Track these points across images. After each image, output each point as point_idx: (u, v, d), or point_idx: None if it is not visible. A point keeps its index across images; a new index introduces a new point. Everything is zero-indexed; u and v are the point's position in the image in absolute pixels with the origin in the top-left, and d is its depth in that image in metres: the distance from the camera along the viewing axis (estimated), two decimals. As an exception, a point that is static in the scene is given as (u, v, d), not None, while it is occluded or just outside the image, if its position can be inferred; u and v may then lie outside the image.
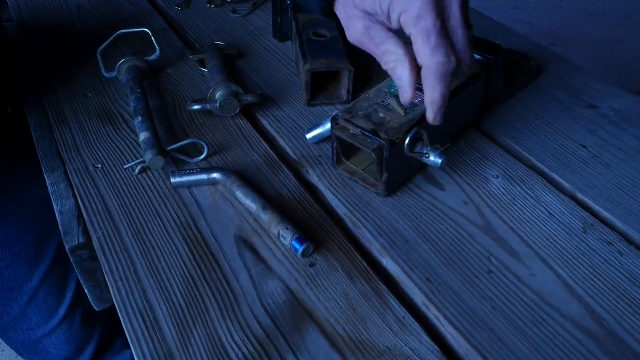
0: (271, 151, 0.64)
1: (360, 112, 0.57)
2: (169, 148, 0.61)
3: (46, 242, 0.80)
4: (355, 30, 0.51)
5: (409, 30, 0.47)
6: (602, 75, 0.77)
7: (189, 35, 0.88)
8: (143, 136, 0.62)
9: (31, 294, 0.80)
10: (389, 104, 0.58)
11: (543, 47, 0.83)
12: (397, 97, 0.59)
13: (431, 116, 0.51)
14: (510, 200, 0.58)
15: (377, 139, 0.54)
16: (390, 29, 0.50)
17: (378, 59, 0.51)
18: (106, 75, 0.75)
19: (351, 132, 0.56)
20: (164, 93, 0.74)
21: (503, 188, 0.60)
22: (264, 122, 0.69)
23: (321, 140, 0.65)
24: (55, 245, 0.80)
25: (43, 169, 0.63)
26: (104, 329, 0.91)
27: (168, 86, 0.75)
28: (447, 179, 0.61)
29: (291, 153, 0.65)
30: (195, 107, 0.67)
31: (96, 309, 0.61)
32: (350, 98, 0.70)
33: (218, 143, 0.66)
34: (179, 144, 0.61)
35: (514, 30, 0.86)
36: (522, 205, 0.58)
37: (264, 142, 0.66)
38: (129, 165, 0.61)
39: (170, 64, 0.80)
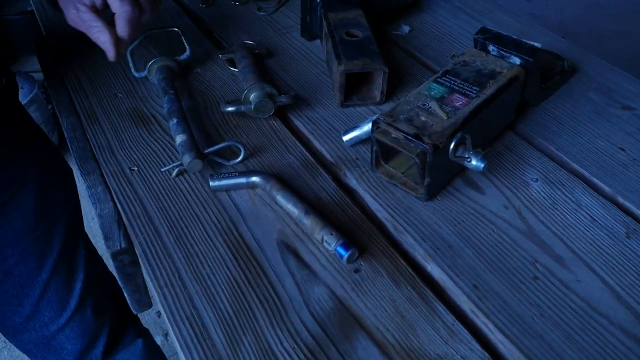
0: (307, 153, 0.64)
1: (401, 116, 0.56)
2: (206, 151, 0.61)
3: (51, 233, 0.79)
4: (71, 17, 0.64)
5: None
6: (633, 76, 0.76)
7: (216, 33, 0.87)
8: (179, 139, 0.62)
9: (42, 288, 0.80)
10: (430, 107, 0.57)
11: (574, 45, 0.82)
12: (437, 99, 0.58)
13: (109, 55, 0.64)
14: (551, 205, 0.58)
15: (421, 143, 0.53)
16: (95, 10, 0.63)
17: (89, 34, 0.64)
18: (136, 75, 0.74)
19: (393, 135, 0.56)
20: (194, 93, 0.73)
21: (543, 192, 0.59)
22: (298, 123, 0.69)
23: (358, 142, 0.64)
24: (60, 236, 0.80)
25: (79, 171, 0.63)
26: (114, 320, 0.91)
27: (198, 86, 0.75)
28: (486, 182, 0.60)
29: (327, 155, 0.64)
30: (229, 109, 0.67)
31: (134, 312, 0.61)
32: (384, 99, 0.70)
33: (253, 145, 0.65)
34: (216, 147, 0.61)
35: (544, 29, 0.85)
36: (563, 210, 0.57)
37: (299, 144, 0.65)
38: (166, 168, 0.61)
39: (199, 63, 0.79)
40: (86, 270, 0.85)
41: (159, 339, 1.50)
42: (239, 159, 0.62)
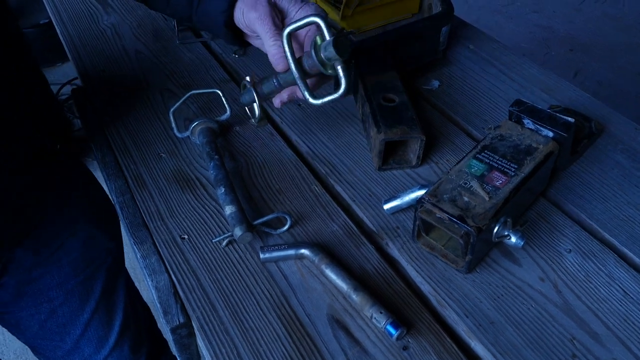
0: (349, 221, 0.67)
1: (445, 195, 0.59)
2: (255, 222, 0.64)
3: (96, 276, 0.83)
4: (266, 25, 0.66)
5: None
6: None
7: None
8: (229, 210, 0.65)
9: (83, 327, 0.84)
10: (472, 186, 0.60)
11: (597, 102, 0.85)
12: (478, 177, 0.61)
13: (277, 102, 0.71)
14: (585, 277, 0.61)
15: (465, 225, 0.56)
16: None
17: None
18: (179, 135, 0.77)
19: (437, 215, 0.58)
20: (236, 154, 0.76)
21: (577, 263, 0.62)
22: (338, 188, 0.72)
23: (398, 210, 0.67)
24: (103, 277, 0.84)
25: (132, 239, 0.66)
26: (149, 349, 0.95)
27: (239, 146, 0.78)
28: (522, 253, 0.63)
29: (369, 223, 0.67)
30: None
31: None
32: (420, 162, 0.73)
33: (297, 211, 0.68)
34: (264, 219, 0.64)
35: (571, 84, 0.87)
36: (596, 283, 0.60)
37: (341, 212, 0.68)
38: (217, 239, 0.64)
39: (237, 119, 0.82)
40: (125, 308, 0.88)
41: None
42: (285, 228, 0.65)
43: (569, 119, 0.65)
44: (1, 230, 0.69)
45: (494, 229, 0.57)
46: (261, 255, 0.62)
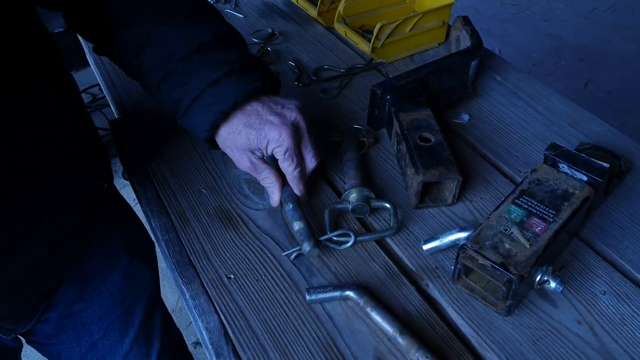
0: (389, 261, 0.69)
1: (486, 242, 0.62)
2: (322, 238, 0.68)
3: (134, 309, 0.86)
4: (244, 164, 0.72)
5: (279, 157, 0.70)
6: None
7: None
8: (297, 225, 0.68)
9: (122, 358, 0.87)
10: (512, 232, 0.62)
11: (623, 136, 0.87)
12: (518, 224, 0.63)
13: (301, 195, 0.73)
14: (620, 320, 0.63)
15: (508, 273, 0.59)
16: (264, 157, 0.72)
17: (259, 180, 0.74)
18: None
19: (480, 262, 0.61)
20: (274, 190, 0.78)
21: (612, 305, 0.65)
22: (377, 227, 0.74)
23: (437, 251, 0.69)
24: (142, 310, 0.87)
25: (179, 279, 0.68)
26: None
27: (277, 182, 0.80)
28: (558, 294, 0.66)
29: (408, 263, 0.70)
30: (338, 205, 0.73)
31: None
32: (455, 201, 0.75)
33: (336, 251, 0.70)
34: (330, 235, 0.69)
35: (595, 117, 0.89)
36: (631, 325, 0.63)
37: (381, 252, 0.70)
38: (286, 253, 0.68)
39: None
40: (162, 335, 0.91)
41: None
42: (349, 244, 0.69)
43: (604, 164, 0.67)
44: (45, 269, 0.71)
45: (536, 277, 0.59)
46: (307, 297, 0.64)
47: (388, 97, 0.82)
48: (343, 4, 1.05)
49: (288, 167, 0.70)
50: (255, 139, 0.68)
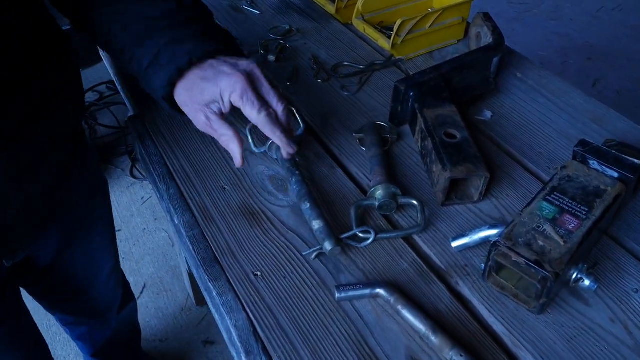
0: (417, 258, 0.68)
1: (520, 239, 0.61)
2: (343, 236, 0.67)
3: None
4: (199, 122, 0.69)
5: (238, 104, 0.66)
6: None
7: (305, 115, 0.90)
8: (317, 224, 0.67)
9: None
10: (545, 229, 0.62)
11: (648, 132, 0.86)
12: (550, 221, 0.62)
13: (285, 153, 0.70)
14: (654, 318, 0.63)
15: (542, 270, 0.58)
16: (222, 114, 0.68)
17: (219, 141, 0.69)
18: (255, 150, 0.78)
19: (513, 259, 0.60)
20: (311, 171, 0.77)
21: (644, 304, 0.64)
22: (404, 224, 0.73)
23: (465, 249, 0.69)
24: None
25: (206, 276, 0.67)
26: None
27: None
28: (590, 292, 0.65)
29: (437, 260, 0.69)
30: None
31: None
32: (482, 198, 0.74)
33: (364, 248, 0.70)
34: (351, 233, 0.68)
35: (618, 114, 0.88)
36: (665, 324, 0.62)
37: (409, 249, 0.69)
38: (307, 253, 0.68)
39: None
40: None
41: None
42: (369, 241, 0.69)
43: (636, 160, 0.66)
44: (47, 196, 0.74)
45: (572, 275, 0.59)
46: (337, 295, 0.63)
47: (412, 93, 0.82)
48: (362, 1, 1.04)
49: (252, 111, 0.67)
50: (210, 90, 0.67)
